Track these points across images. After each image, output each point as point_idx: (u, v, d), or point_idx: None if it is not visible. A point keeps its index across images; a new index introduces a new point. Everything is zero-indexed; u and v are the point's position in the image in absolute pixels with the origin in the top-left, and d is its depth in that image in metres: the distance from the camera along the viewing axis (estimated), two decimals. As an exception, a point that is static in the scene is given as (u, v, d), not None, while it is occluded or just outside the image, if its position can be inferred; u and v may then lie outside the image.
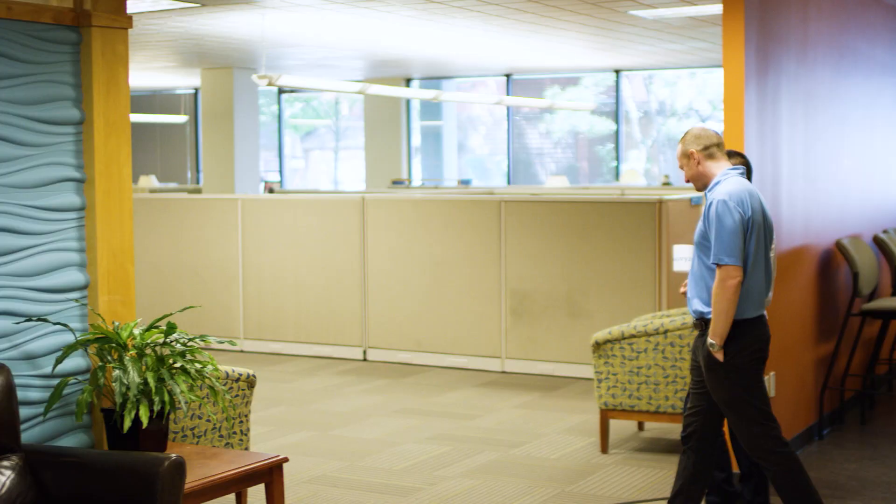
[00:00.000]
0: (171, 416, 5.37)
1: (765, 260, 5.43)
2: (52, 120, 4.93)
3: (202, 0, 11.28)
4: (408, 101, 20.58)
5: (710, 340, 5.36)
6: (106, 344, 4.84)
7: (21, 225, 4.83)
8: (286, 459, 5.14)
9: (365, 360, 11.05)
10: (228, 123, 18.48)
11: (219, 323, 11.71)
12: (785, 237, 7.29)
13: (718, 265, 5.27)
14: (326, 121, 26.11)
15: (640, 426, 8.16)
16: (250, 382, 5.85)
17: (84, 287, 5.07)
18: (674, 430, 7.98)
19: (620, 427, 8.13)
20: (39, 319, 4.83)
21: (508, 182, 20.75)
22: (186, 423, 5.52)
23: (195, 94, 22.93)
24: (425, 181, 21.07)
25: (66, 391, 4.91)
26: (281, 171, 23.34)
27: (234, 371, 5.77)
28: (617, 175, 19.74)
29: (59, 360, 4.81)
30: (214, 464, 4.94)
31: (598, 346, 7.44)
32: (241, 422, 5.83)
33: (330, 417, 8.69)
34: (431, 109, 21.78)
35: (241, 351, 11.62)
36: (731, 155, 5.77)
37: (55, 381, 4.88)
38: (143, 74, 19.57)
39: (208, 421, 5.61)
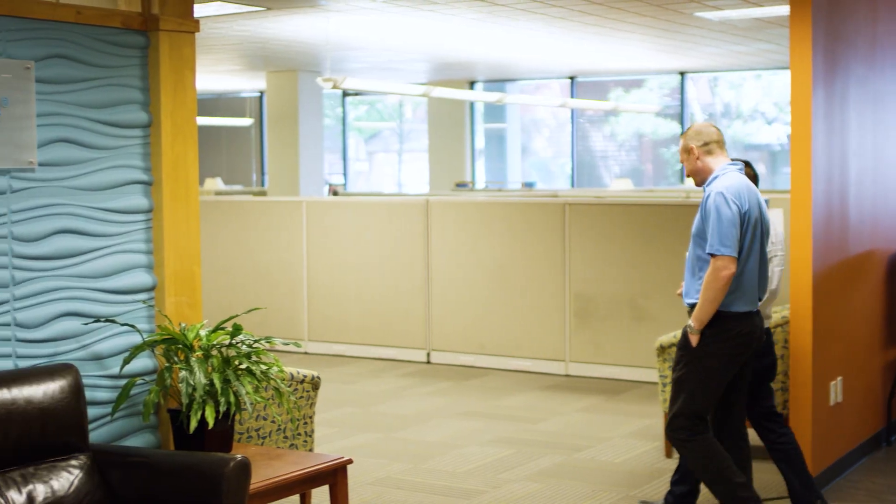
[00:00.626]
0: (237, 417, 5.41)
1: (759, 257, 5.49)
2: (120, 123, 4.99)
3: (268, 4, 11.35)
4: (471, 104, 20.58)
5: (689, 322, 5.47)
6: (173, 345, 4.88)
7: (90, 227, 4.89)
8: (350, 461, 5.15)
9: (428, 362, 11.06)
10: (293, 126, 18.57)
11: (283, 324, 11.78)
12: (853, 241, 7.21)
13: (714, 255, 5.33)
14: (390, 123, 26.18)
15: (705, 430, 8.09)
16: (315, 384, 5.88)
17: (151, 288, 5.12)
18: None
19: (685, 431, 8.07)
20: (107, 320, 4.88)
21: (572, 185, 20.70)
22: (251, 425, 5.56)
23: (260, 97, 23.08)
24: (489, 184, 21.06)
25: (133, 391, 4.96)
26: (345, 174, 23.43)
27: (298, 373, 5.80)
28: (682, 178, 19.63)
29: (126, 361, 4.86)
30: (279, 465, 4.97)
31: (662, 349, 7.40)
32: (306, 423, 5.86)
33: (393, 419, 8.71)
34: (495, 112, 21.77)
35: (306, 353, 11.68)
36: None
37: (123, 382, 4.93)
38: (209, 77, 19.73)
39: (273, 422, 5.64)
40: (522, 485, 6.92)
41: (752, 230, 5.40)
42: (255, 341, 4.99)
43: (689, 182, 17.88)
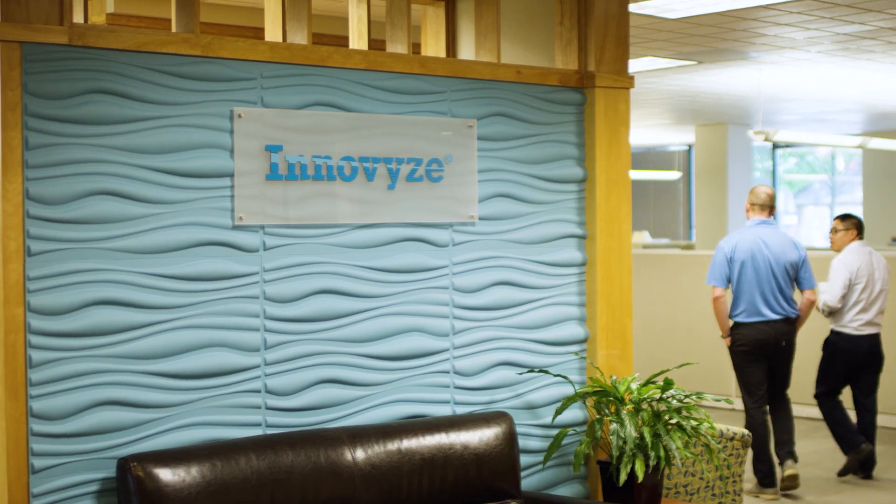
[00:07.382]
0: (666, 472, 5.38)
1: (758, 285, 7.86)
2: (556, 178, 5.10)
3: (699, 58, 11.34)
4: (910, 155, 19.74)
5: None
6: (604, 397, 4.92)
7: (526, 279, 5.02)
8: (781, 523, 5.02)
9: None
10: (721, 179, 18.42)
11: (710, 379, 11.63)
12: None
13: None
14: (821, 176, 25.47)
15: None
16: (745, 442, 5.77)
17: (583, 341, 5.19)
18: None
19: None
20: (541, 371, 4.98)
21: None
22: (679, 480, 5.52)
23: (688, 151, 23.05)
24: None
25: (564, 441, 5.03)
26: (774, 227, 22.94)
27: (728, 430, 5.71)
28: None
29: (558, 411, 4.93)
30: (708, 523, 4.90)
31: None
32: (735, 481, 5.76)
33: (819, 483, 8.40)
34: (935, 163, 20.75)
35: (733, 409, 11.47)
36: (846, 218, 8.65)
37: (554, 431, 5.02)
38: (638, 132, 19.91)
39: (701, 479, 5.58)
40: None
41: (739, 267, 7.91)
42: (686, 396, 4.96)
43: None
